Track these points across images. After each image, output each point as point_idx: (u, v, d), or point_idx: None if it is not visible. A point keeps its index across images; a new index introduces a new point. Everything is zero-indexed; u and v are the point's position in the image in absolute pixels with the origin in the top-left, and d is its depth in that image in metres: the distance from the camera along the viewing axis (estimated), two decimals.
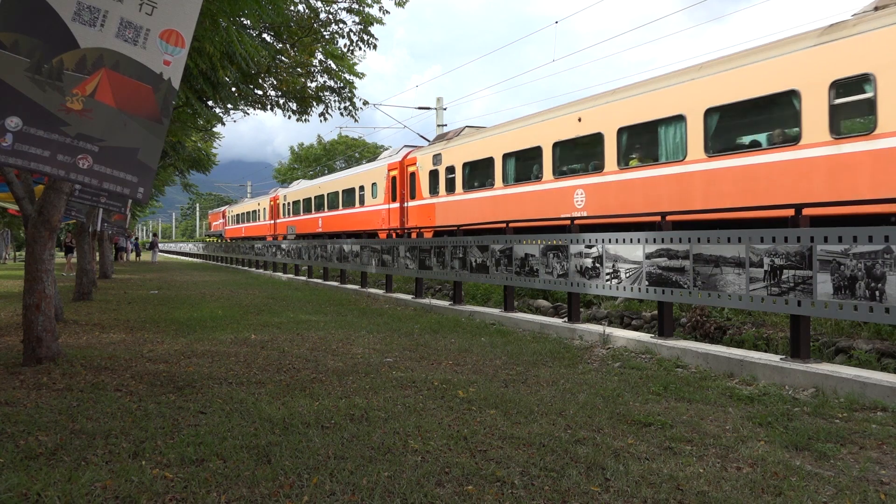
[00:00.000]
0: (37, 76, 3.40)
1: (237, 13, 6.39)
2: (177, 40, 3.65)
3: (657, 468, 3.44)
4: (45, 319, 6.23)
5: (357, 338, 7.97)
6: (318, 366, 6.17)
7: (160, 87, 3.62)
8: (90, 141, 3.49)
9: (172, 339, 7.87)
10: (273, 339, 7.88)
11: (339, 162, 58.62)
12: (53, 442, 3.81)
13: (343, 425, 4.19)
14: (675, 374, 5.79)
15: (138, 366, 6.13)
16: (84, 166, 3.48)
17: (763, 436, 4.04)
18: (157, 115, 3.63)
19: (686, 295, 6.57)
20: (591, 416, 4.44)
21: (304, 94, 9.99)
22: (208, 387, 5.24)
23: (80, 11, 3.46)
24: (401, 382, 5.45)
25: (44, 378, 5.50)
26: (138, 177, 3.59)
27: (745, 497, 3.08)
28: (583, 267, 7.97)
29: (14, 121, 3.37)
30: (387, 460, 3.54)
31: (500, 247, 9.57)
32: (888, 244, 4.91)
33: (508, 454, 3.66)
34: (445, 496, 3.08)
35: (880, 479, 3.34)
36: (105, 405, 4.63)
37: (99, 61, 3.49)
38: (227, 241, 41.22)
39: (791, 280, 5.55)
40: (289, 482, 3.23)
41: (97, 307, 11.67)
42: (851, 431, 4.10)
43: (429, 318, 9.86)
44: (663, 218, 7.14)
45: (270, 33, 8.97)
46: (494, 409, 4.62)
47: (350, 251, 16.07)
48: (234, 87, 8.36)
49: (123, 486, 3.15)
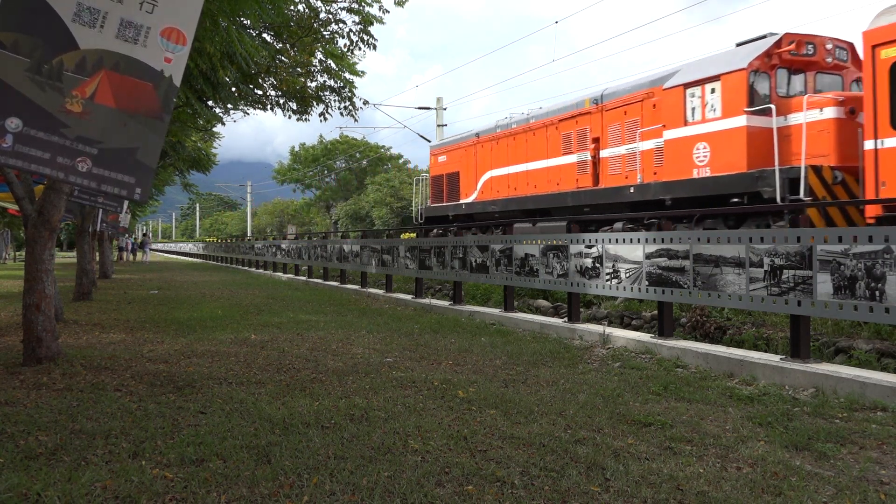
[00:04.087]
0: (37, 77, 3.40)
1: (237, 13, 6.39)
2: (178, 38, 3.65)
3: (657, 468, 3.44)
4: (45, 319, 6.23)
5: (357, 338, 7.97)
6: (318, 366, 6.18)
7: (161, 84, 3.62)
8: (89, 143, 3.49)
9: (172, 339, 7.87)
10: (273, 339, 7.88)
11: (338, 162, 58.63)
12: (53, 442, 3.81)
13: (343, 425, 4.19)
14: (675, 374, 5.79)
15: (138, 366, 6.13)
16: (83, 169, 3.48)
17: (763, 436, 4.04)
18: (159, 112, 3.63)
19: (686, 295, 6.57)
20: (591, 416, 4.44)
21: (304, 93, 9.99)
22: (208, 387, 5.24)
23: (80, 12, 3.46)
24: (401, 382, 5.45)
25: (44, 378, 5.50)
26: (136, 177, 3.58)
27: (745, 497, 3.09)
28: (583, 267, 7.97)
29: (14, 122, 3.37)
30: (387, 460, 3.54)
31: (500, 247, 9.57)
32: (888, 244, 4.91)
33: (508, 454, 3.66)
34: (445, 496, 3.08)
35: (880, 479, 3.34)
36: (105, 405, 4.63)
37: (99, 63, 3.49)
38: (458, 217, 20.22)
39: (791, 280, 5.55)
40: (289, 482, 3.23)
41: (97, 307, 11.67)
42: (851, 431, 4.10)
43: (429, 318, 9.87)
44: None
45: (270, 33, 8.97)
46: (494, 409, 4.62)
47: (350, 251, 16.07)
48: (234, 87, 8.35)
49: (123, 486, 3.15)
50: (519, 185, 16.79)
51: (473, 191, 18.88)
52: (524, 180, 16.56)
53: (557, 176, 15.33)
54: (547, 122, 15.83)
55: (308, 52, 9.19)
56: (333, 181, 59.99)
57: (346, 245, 16.51)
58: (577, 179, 14.64)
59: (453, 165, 20.21)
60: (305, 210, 65.07)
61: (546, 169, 15.74)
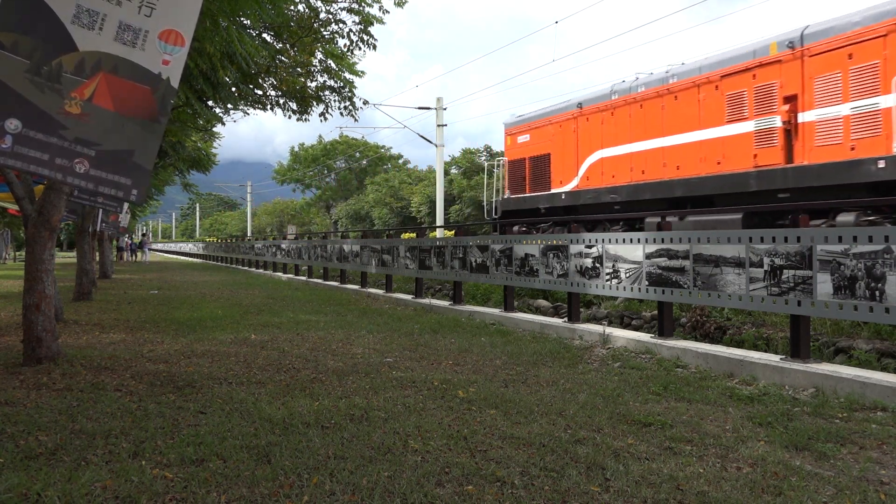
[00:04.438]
0: (36, 78, 3.40)
1: (237, 13, 6.39)
2: (176, 39, 3.65)
3: (657, 468, 3.44)
4: (45, 319, 6.23)
5: (357, 338, 7.97)
6: (318, 366, 6.18)
7: (158, 87, 3.62)
8: (87, 145, 3.50)
9: (172, 339, 7.87)
10: (273, 339, 7.88)
11: (338, 162, 58.63)
12: (53, 442, 3.81)
13: (343, 425, 4.19)
14: (675, 374, 5.79)
15: (138, 366, 6.13)
16: (81, 170, 3.48)
17: (763, 436, 4.04)
18: (155, 115, 3.63)
19: (686, 295, 6.57)
20: (591, 416, 4.44)
21: (304, 93, 9.99)
22: (208, 387, 5.24)
23: (80, 14, 3.46)
24: (401, 382, 5.45)
25: (44, 378, 5.50)
26: (132, 179, 3.58)
27: (745, 497, 3.09)
28: (583, 267, 7.97)
29: (14, 123, 3.37)
30: (387, 460, 3.54)
31: (499, 247, 9.57)
32: (888, 244, 4.91)
33: (508, 454, 3.66)
34: (445, 496, 3.08)
35: (880, 479, 3.34)
36: (105, 405, 4.63)
37: (97, 65, 3.50)
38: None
39: (791, 280, 5.55)
40: (289, 482, 3.23)
41: (97, 307, 11.67)
42: (851, 431, 4.10)
43: (429, 318, 9.87)
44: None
45: (270, 33, 8.97)
46: (494, 409, 4.62)
47: (350, 251, 16.07)
48: (234, 87, 8.35)
49: (123, 486, 3.15)
50: (649, 166, 12.89)
51: (574, 176, 14.87)
52: (658, 160, 12.72)
53: (718, 152, 11.45)
54: (699, 80, 11.92)
55: (308, 52, 9.19)
56: (333, 181, 60.00)
57: (346, 245, 16.50)
58: (756, 155, 10.79)
59: (541, 146, 16.03)
60: (305, 210, 65.08)
61: (698, 144, 11.85)
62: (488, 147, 43.77)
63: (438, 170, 27.15)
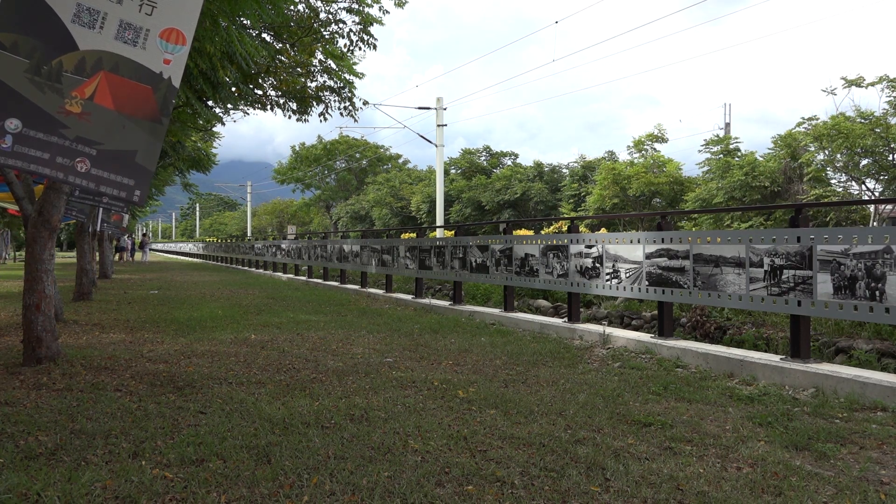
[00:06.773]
0: (36, 77, 3.40)
1: (237, 13, 6.39)
2: (177, 38, 3.64)
3: (657, 468, 3.44)
4: (44, 319, 6.23)
5: (357, 338, 7.97)
6: (318, 366, 6.18)
7: (160, 87, 3.62)
8: (88, 144, 3.49)
9: (172, 339, 7.87)
10: (273, 339, 7.88)
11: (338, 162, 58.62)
12: (53, 442, 3.81)
13: (343, 425, 4.19)
14: (675, 374, 5.79)
15: (138, 366, 6.13)
16: (82, 170, 3.48)
17: (763, 436, 4.04)
18: (157, 115, 3.62)
19: (686, 295, 6.57)
20: (591, 416, 4.44)
21: (304, 94, 9.98)
22: (208, 387, 5.24)
23: (80, 13, 3.46)
24: (401, 382, 5.45)
25: (44, 378, 5.50)
26: (135, 179, 3.58)
27: (745, 497, 3.08)
28: (583, 267, 7.97)
29: (14, 122, 3.36)
30: (387, 460, 3.54)
31: (499, 247, 9.57)
32: (888, 244, 4.91)
33: (508, 454, 3.66)
34: (445, 496, 3.08)
35: (880, 479, 3.34)
36: (105, 405, 4.63)
37: (98, 64, 3.49)
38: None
39: (791, 280, 5.55)
40: (289, 482, 3.23)
41: (97, 307, 11.67)
42: (851, 431, 4.10)
43: (429, 318, 9.86)
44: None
45: (270, 33, 8.97)
46: (494, 409, 4.62)
47: (350, 251, 16.07)
48: (234, 87, 8.35)
49: (123, 486, 3.15)
50: None
51: None
52: None
53: None
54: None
55: (308, 52, 9.19)
56: (333, 181, 60.01)
57: (346, 245, 16.50)
58: None
59: None
60: (305, 210, 65.07)
61: None
62: (488, 147, 43.69)
63: (438, 170, 27.12)
